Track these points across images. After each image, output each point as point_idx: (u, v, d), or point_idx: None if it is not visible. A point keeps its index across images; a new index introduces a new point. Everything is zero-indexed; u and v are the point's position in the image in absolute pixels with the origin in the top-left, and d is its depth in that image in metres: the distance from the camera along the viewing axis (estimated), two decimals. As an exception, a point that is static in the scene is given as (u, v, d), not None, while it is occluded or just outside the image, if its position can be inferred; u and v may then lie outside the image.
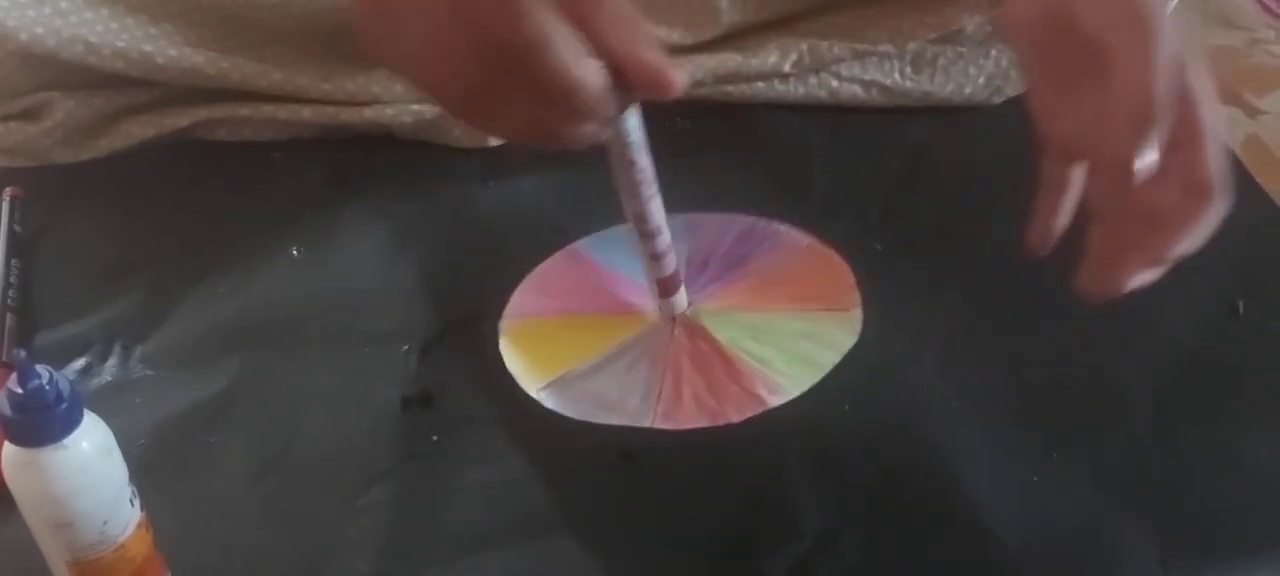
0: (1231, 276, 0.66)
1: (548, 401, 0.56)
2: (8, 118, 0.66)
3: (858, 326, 0.58)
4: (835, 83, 0.72)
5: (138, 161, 0.67)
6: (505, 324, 0.59)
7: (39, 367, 0.41)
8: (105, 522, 0.44)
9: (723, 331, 0.58)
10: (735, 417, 0.54)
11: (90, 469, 0.43)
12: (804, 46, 0.72)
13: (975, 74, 0.74)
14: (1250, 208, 0.71)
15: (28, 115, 0.66)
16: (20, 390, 0.41)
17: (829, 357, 0.56)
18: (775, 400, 0.54)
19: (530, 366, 0.57)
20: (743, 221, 0.64)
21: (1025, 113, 0.77)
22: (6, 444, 0.42)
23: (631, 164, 0.52)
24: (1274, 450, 0.58)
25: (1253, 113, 0.78)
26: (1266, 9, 0.87)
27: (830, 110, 0.74)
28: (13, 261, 0.60)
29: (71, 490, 0.43)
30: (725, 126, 0.74)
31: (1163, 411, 0.59)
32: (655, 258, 0.56)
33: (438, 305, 0.62)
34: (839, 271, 0.61)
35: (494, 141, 0.69)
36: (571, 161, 0.53)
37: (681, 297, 0.58)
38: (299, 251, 0.64)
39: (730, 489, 0.51)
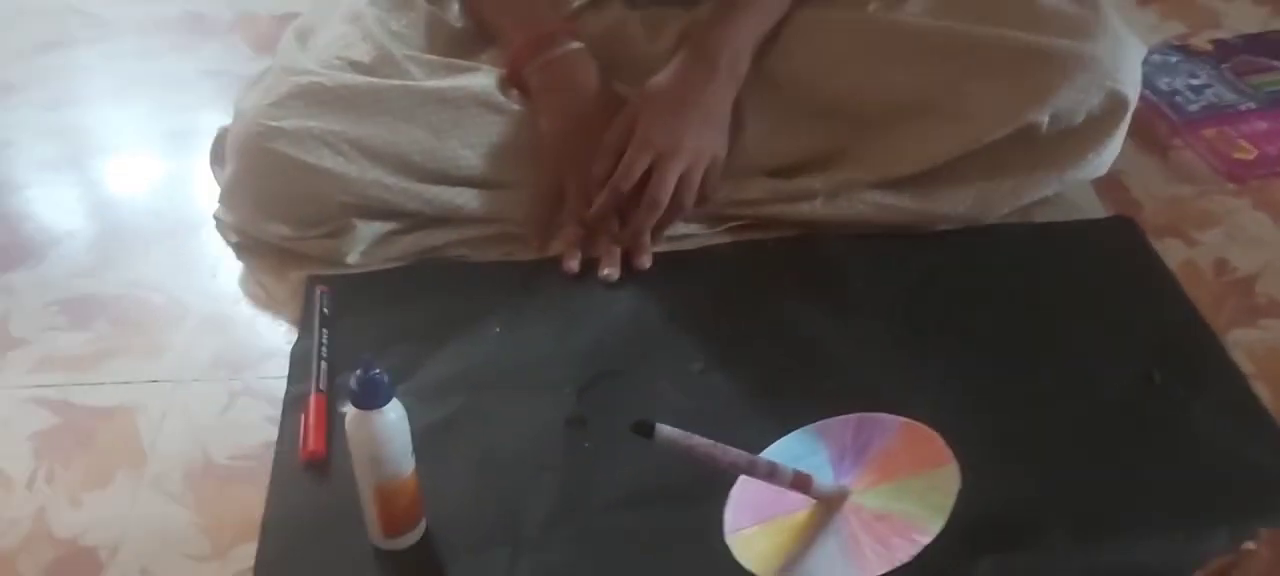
0: (1149, 353, 0.91)
1: None
2: (321, 236, 1.02)
3: (958, 475, 0.74)
4: (861, 205, 1.02)
5: (401, 270, 1.02)
6: (732, 539, 0.77)
7: (373, 369, 0.73)
8: (398, 462, 0.75)
9: (874, 502, 0.75)
10: (903, 559, 0.71)
11: (394, 427, 0.74)
12: (835, 177, 1.02)
13: (966, 197, 1.01)
14: (1168, 302, 0.97)
15: (333, 235, 1.01)
16: (362, 375, 0.73)
17: (948, 499, 0.72)
18: (925, 538, 0.71)
19: (760, 564, 0.75)
20: (852, 420, 0.81)
21: (1003, 238, 1.03)
22: (350, 408, 0.74)
23: (690, 451, 0.73)
24: (1174, 485, 0.81)
25: (1191, 243, 1.02)
26: (1215, 170, 1.13)
27: (856, 229, 1.03)
28: (323, 331, 0.95)
29: (384, 438, 0.74)
30: (773, 243, 1.03)
31: (1097, 451, 0.84)
32: (770, 478, 0.75)
33: (589, 364, 0.92)
34: (932, 440, 0.77)
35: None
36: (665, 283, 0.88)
37: (823, 486, 0.76)
38: (500, 329, 0.97)
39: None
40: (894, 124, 1.04)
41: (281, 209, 1.02)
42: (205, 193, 1.12)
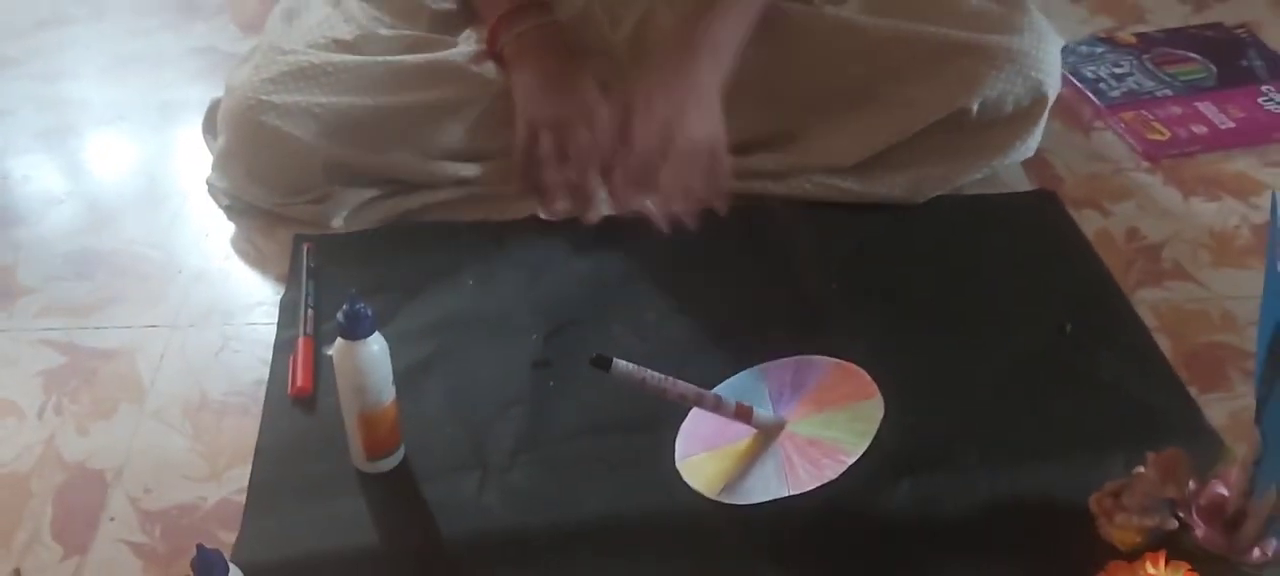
0: (1062, 308, 1.01)
1: (725, 499, 0.82)
2: (307, 202, 1.10)
3: (881, 405, 0.84)
4: (807, 185, 1.11)
5: (382, 230, 1.10)
6: (682, 464, 0.86)
7: (358, 303, 0.81)
8: (380, 391, 0.84)
9: (806, 430, 0.85)
10: (831, 476, 0.80)
11: (377, 359, 0.83)
12: (785, 160, 1.11)
13: (902, 181, 1.11)
14: (1082, 265, 1.06)
15: (318, 201, 1.10)
16: (349, 308, 0.81)
17: (871, 426, 0.82)
18: (850, 459, 0.81)
19: (706, 484, 0.84)
20: (791, 362, 0.91)
21: (937, 208, 1.12)
22: (338, 339, 0.82)
23: (643, 383, 0.81)
24: (1078, 420, 0.91)
25: (1106, 214, 1.12)
26: (1132, 149, 1.22)
27: (805, 204, 1.12)
28: (309, 283, 1.03)
29: (366, 369, 0.82)
30: (736, 211, 1.10)
31: (1011, 391, 0.94)
32: (715, 409, 0.84)
33: (554, 313, 1.01)
34: (860, 376, 0.87)
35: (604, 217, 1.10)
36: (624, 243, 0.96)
37: (763, 417, 0.85)
38: (472, 282, 1.05)
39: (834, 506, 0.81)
40: (837, 111, 1.13)
41: (270, 177, 1.10)
42: (196, 161, 1.19)
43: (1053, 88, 1.11)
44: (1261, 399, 0.76)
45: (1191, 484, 0.82)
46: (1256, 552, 0.79)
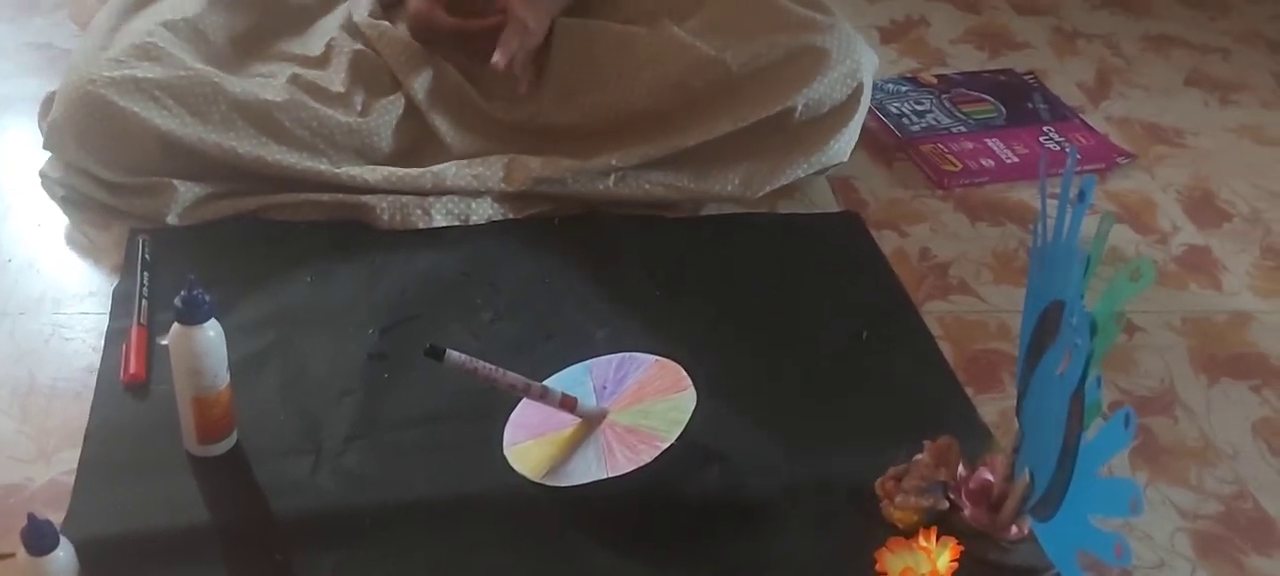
0: (859, 315, 1.11)
1: (549, 482, 0.88)
2: (141, 191, 1.11)
3: (694, 398, 0.91)
4: (647, 184, 1.19)
5: (219, 227, 1.12)
6: (510, 451, 0.92)
7: (196, 289, 0.84)
8: (215, 375, 0.86)
9: (626, 419, 0.91)
10: (646, 460, 0.87)
11: (213, 343, 0.85)
12: (624, 160, 1.19)
13: (735, 177, 1.20)
14: (880, 279, 1.17)
15: (153, 192, 1.11)
16: (187, 294, 0.84)
17: (684, 416, 0.89)
18: (664, 444, 0.88)
19: (531, 468, 0.90)
20: (616, 358, 0.98)
21: (754, 225, 1.21)
22: (175, 323, 0.85)
23: (474, 372, 0.87)
24: (870, 414, 1.00)
25: (903, 235, 1.24)
26: (928, 178, 1.35)
27: (642, 206, 1.20)
28: (144, 274, 1.04)
29: (203, 353, 0.85)
30: (559, 219, 1.19)
31: (812, 388, 1.03)
32: (541, 398, 0.91)
33: (391, 310, 1.05)
34: (676, 371, 0.94)
35: (434, 223, 1.15)
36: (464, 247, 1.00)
37: (586, 407, 0.92)
38: (310, 279, 1.08)
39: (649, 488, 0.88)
40: (679, 113, 1.22)
41: (103, 152, 1.10)
42: (30, 153, 1.19)
43: (868, 82, 1.24)
44: (1021, 392, 0.87)
45: (962, 469, 0.92)
46: (1014, 530, 0.89)
